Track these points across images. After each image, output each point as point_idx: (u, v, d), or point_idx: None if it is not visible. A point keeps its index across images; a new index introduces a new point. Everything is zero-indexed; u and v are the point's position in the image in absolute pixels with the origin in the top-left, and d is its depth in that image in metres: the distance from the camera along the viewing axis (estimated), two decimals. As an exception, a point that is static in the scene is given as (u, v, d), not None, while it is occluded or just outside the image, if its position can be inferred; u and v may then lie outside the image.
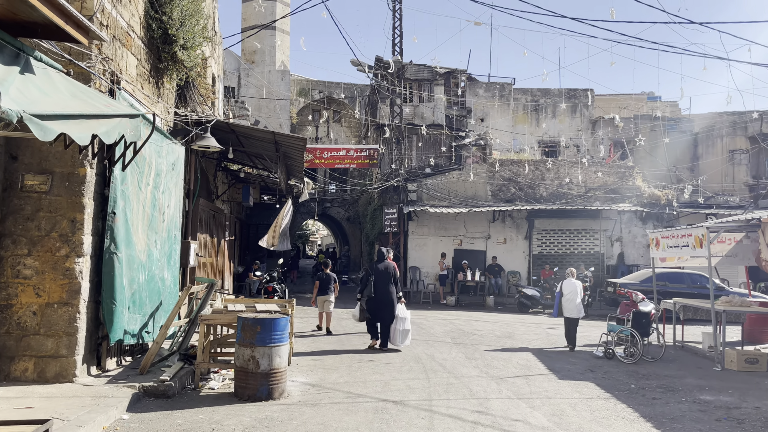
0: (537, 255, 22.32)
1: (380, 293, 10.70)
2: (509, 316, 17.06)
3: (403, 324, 10.63)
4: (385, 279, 10.77)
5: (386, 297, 10.65)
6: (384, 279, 10.77)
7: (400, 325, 10.60)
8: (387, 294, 10.68)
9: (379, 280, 10.75)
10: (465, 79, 27.19)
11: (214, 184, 15.43)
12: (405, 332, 10.65)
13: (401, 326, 10.60)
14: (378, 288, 10.73)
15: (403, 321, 10.64)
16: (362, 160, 21.39)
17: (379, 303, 10.65)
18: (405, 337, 10.66)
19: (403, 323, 10.62)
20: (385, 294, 10.68)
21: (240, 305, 8.65)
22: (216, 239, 14.61)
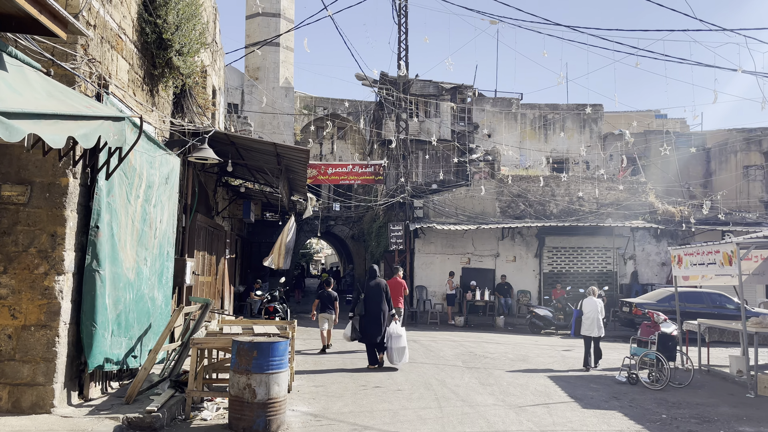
0: (548, 273, 21.62)
1: (371, 312, 10.51)
2: (521, 338, 16.33)
3: (399, 342, 10.36)
4: (376, 296, 10.57)
5: (377, 316, 10.46)
6: (375, 296, 10.57)
7: (396, 343, 10.35)
8: (378, 313, 10.47)
9: (370, 298, 10.58)
10: (472, 94, 26.75)
11: (214, 200, 14.86)
12: (401, 350, 10.37)
13: (396, 344, 10.34)
14: (369, 306, 10.55)
15: (398, 339, 10.38)
16: (367, 176, 20.84)
17: (370, 321, 10.46)
18: (401, 355, 10.37)
19: (398, 341, 10.36)
20: (376, 312, 10.48)
21: (237, 327, 8.02)
22: (215, 257, 14.01)
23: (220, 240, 14.63)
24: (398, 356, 10.35)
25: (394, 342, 10.35)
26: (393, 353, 10.36)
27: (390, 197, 21.75)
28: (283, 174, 11.91)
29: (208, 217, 13.63)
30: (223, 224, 16.11)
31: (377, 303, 10.53)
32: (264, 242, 24.21)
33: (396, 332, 10.42)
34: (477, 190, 21.66)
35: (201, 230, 12.17)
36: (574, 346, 14.90)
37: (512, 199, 21.79)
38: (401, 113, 21.18)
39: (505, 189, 21.75)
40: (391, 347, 10.34)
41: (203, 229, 12.52)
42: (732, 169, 26.13)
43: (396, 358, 10.35)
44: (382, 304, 10.55)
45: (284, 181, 12.32)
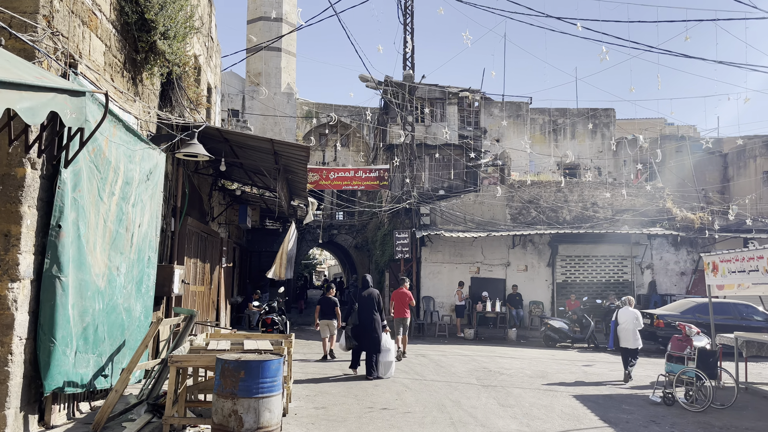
0: (561, 284, 20.59)
1: (364, 321, 10.47)
2: (536, 352, 15.30)
3: (386, 356, 10.42)
4: (368, 306, 10.53)
5: (370, 324, 10.42)
6: (368, 306, 10.53)
7: (383, 357, 10.39)
8: (371, 322, 10.44)
9: (363, 308, 10.55)
10: (479, 99, 25.88)
11: (209, 205, 13.94)
12: (387, 364, 10.42)
13: (384, 358, 10.39)
14: (362, 315, 10.52)
15: (386, 353, 10.44)
16: (371, 181, 19.93)
17: (364, 330, 10.44)
18: (387, 369, 10.42)
19: (386, 355, 10.42)
20: (369, 321, 10.44)
21: (226, 342, 7.05)
22: (209, 265, 13.07)
23: (215, 247, 13.70)
24: (384, 370, 10.36)
25: (383, 355, 10.39)
26: (379, 366, 10.37)
27: (395, 203, 20.81)
28: (282, 175, 10.98)
29: (201, 223, 12.71)
30: (219, 231, 15.19)
31: (370, 312, 10.47)
32: (264, 251, 23.30)
33: (385, 346, 10.44)
34: (486, 196, 20.71)
35: (192, 236, 11.24)
36: (595, 360, 13.87)
37: (523, 206, 20.83)
38: (407, 116, 20.29)
39: (515, 195, 20.79)
40: (379, 360, 10.37)
41: (195, 234, 11.59)
42: (751, 175, 25.14)
43: (382, 371, 10.36)
44: (375, 313, 10.49)
45: (283, 182, 11.39)
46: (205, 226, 13.05)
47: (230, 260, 16.83)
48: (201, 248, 12.18)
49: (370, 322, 10.43)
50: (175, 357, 5.89)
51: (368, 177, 19.91)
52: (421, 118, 24.12)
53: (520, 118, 26.29)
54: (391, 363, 10.47)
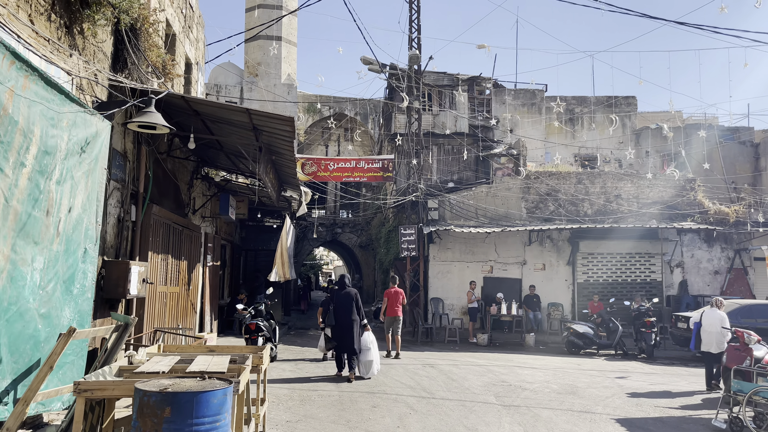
0: (582, 284, 18.84)
1: (341, 321, 10.28)
2: (559, 360, 13.58)
3: (367, 355, 10.22)
4: (346, 306, 10.34)
5: (347, 324, 10.23)
6: (345, 306, 10.34)
7: (364, 356, 10.21)
8: (349, 321, 10.24)
9: (340, 307, 10.36)
10: (491, 86, 24.17)
11: (188, 194, 12.32)
12: (368, 363, 10.20)
13: (365, 357, 10.21)
14: (339, 315, 10.32)
15: (366, 351, 10.24)
16: (375, 172, 18.28)
17: (341, 330, 10.25)
18: (369, 368, 10.21)
19: (366, 354, 10.23)
20: (346, 321, 10.25)
21: (169, 360, 5.39)
22: (187, 263, 11.45)
23: (194, 243, 12.08)
24: (365, 369, 10.19)
25: (363, 354, 10.19)
26: (361, 366, 10.20)
27: (400, 197, 19.15)
28: (264, 156, 9.33)
29: (178, 214, 11.09)
30: (203, 225, 13.57)
31: (347, 313, 10.28)
32: (261, 249, 21.71)
33: (365, 344, 10.26)
34: (500, 189, 19.01)
35: (160, 228, 9.62)
36: (628, 371, 12.14)
37: (540, 199, 19.10)
38: (413, 100, 18.62)
39: (532, 187, 19.06)
40: (360, 359, 10.19)
41: (165, 226, 9.97)
42: (786, 166, 23.27)
43: (363, 371, 10.19)
44: (353, 314, 10.30)
45: (267, 165, 9.74)
46: (183, 218, 11.43)
47: (218, 258, 15.21)
48: (175, 243, 10.56)
49: (348, 323, 10.21)
50: (84, 384, 4.24)
51: (371, 168, 18.26)
52: (429, 106, 22.46)
53: (535, 107, 24.56)
54: (372, 362, 10.20)
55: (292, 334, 18.08)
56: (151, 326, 9.32)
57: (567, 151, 24.66)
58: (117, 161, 8.20)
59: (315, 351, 13.72)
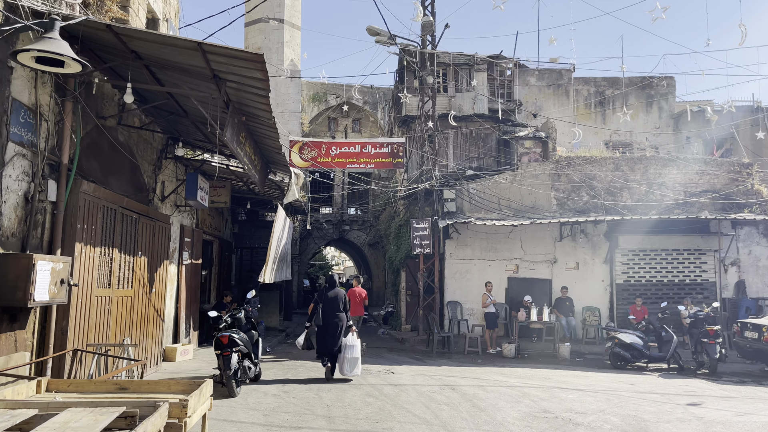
0: (622, 285, 16.41)
1: (327, 321, 10.14)
2: (605, 378, 11.20)
3: (351, 352, 10.03)
4: (332, 307, 10.25)
5: (333, 325, 10.13)
6: (332, 307, 10.25)
7: (348, 353, 10.01)
8: (335, 322, 10.15)
9: (327, 308, 10.24)
10: (512, 66, 21.80)
11: (153, 177, 10.11)
12: (353, 360, 10.02)
13: (349, 354, 10.01)
14: (325, 316, 10.19)
15: (351, 349, 10.05)
16: (383, 158, 15.99)
17: (326, 331, 10.12)
18: (353, 367, 10.02)
19: (351, 351, 10.03)
20: (332, 322, 10.14)
21: (26, 411, 3.11)
22: (147, 259, 9.21)
23: (160, 236, 9.85)
24: (350, 367, 10.01)
25: (347, 352, 10.02)
26: (345, 364, 9.99)
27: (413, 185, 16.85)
28: (234, 117, 7.07)
29: (134, 200, 8.88)
30: (176, 216, 11.35)
31: (334, 313, 10.20)
32: (258, 247, 19.47)
33: (350, 342, 10.10)
34: (527, 177, 16.65)
35: (99, 213, 7.39)
36: (697, 394, 9.73)
37: (573, 187, 16.71)
38: (426, 76, 16.30)
39: (563, 174, 16.67)
40: (344, 357, 10.01)
41: (109, 212, 7.74)
42: None
43: (347, 368, 9.99)
44: (339, 314, 10.22)
45: (239, 133, 7.47)
46: (143, 205, 9.21)
47: (199, 255, 12.99)
48: (127, 234, 8.32)
49: (334, 323, 10.11)
50: None
51: (379, 153, 15.95)
52: (444, 87, 20.14)
53: (561, 89, 22.13)
54: (357, 359, 10.04)
55: (289, 343, 15.82)
56: (84, 341, 7.08)
57: (597, 138, 22.22)
58: (21, 117, 5.98)
59: (311, 365, 11.48)
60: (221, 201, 11.58)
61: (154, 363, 9.67)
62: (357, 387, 9.34)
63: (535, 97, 21.87)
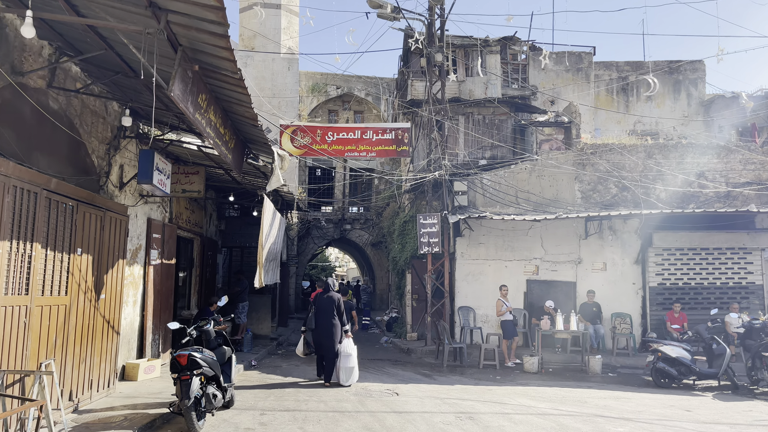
0: (656, 288, 14.54)
1: (321, 325, 9.98)
2: (651, 399, 9.36)
3: (347, 361, 9.77)
4: (327, 310, 10.04)
5: (327, 329, 9.92)
6: (326, 310, 10.05)
7: (344, 363, 9.78)
8: (329, 326, 9.93)
9: (320, 312, 10.07)
10: (527, 49, 20.00)
11: (106, 158, 8.32)
12: (349, 370, 9.76)
13: (345, 363, 9.77)
14: (319, 320, 10.03)
15: (347, 358, 9.79)
16: (386, 145, 14.20)
17: (320, 335, 9.97)
18: (349, 376, 9.77)
19: (347, 360, 9.78)
20: (326, 326, 9.94)
21: None
22: (91, 258, 7.40)
23: (112, 230, 8.04)
24: (346, 376, 9.78)
25: (343, 361, 9.80)
26: (341, 372, 9.79)
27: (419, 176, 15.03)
28: (181, 64, 5.26)
29: (81, 187, 7.10)
30: (139, 207, 9.57)
31: (328, 317, 10.02)
32: (249, 247, 17.70)
33: (346, 350, 9.84)
34: (547, 166, 14.81)
35: (8, 195, 5.58)
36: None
37: (599, 179, 14.86)
38: (434, 53, 14.48)
39: (588, 164, 14.83)
40: (339, 366, 9.82)
41: (29, 195, 5.94)
42: None
43: (344, 377, 9.77)
44: (334, 318, 10.04)
45: (191, 85, 5.63)
46: (89, 192, 7.41)
47: (172, 255, 11.20)
48: (57, 226, 6.52)
49: (328, 327, 9.97)
50: None
51: (381, 140, 14.15)
52: (453, 71, 18.34)
53: (581, 73, 20.27)
54: (353, 368, 9.84)
55: (280, 354, 14.02)
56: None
57: (620, 128, 20.35)
58: None
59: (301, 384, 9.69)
60: (194, 190, 9.79)
61: (103, 386, 7.88)
62: (353, 417, 7.53)
63: (552, 82, 20.03)
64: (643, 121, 20.45)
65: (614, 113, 20.55)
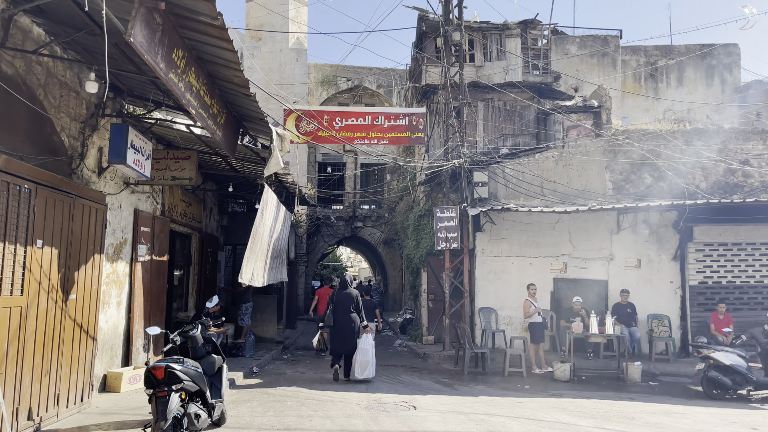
0: (696, 287, 13.27)
1: (339, 322, 9.96)
2: (707, 414, 8.12)
3: (364, 355, 9.79)
4: (344, 307, 10.02)
5: (346, 326, 9.92)
6: (343, 306, 10.02)
7: (360, 356, 9.77)
8: (347, 322, 9.92)
9: (338, 308, 10.05)
10: (548, 32, 18.78)
11: (80, 138, 7.25)
12: (364, 363, 9.77)
13: (361, 357, 9.77)
14: (337, 316, 10.01)
15: (363, 352, 9.80)
16: (399, 132, 13.06)
17: (338, 332, 9.98)
18: (364, 370, 9.75)
19: (363, 354, 9.79)
20: (344, 323, 9.93)
21: None
22: (60, 253, 6.33)
23: (90, 222, 6.96)
24: (360, 370, 9.74)
25: (359, 354, 9.79)
26: (356, 366, 9.76)
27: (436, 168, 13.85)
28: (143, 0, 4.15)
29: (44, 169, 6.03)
30: (121, 196, 8.49)
31: (346, 314, 9.96)
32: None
33: (362, 345, 9.84)
34: (575, 154, 13.60)
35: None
36: None
37: (632, 168, 13.60)
38: (452, 32, 13.31)
39: (620, 152, 13.59)
40: (356, 359, 9.80)
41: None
42: None
43: (358, 371, 9.74)
44: (352, 314, 9.98)
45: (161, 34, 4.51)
46: (54, 175, 6.34)
47: (164, 251, 10.12)
48: (4, 215, 5.45)
49: (346, 323, 9.90)
50: None
51: (394, 126, 13.01)
52: (471, 56, 17.17)
53: (607, 58, 18.99)
54: (368, 362, 9.74)
55: (285, 359, 12.91)
56: None
57: (648, 116, 19.04)
58: None
59: (305, 394, 8.57)
60: (185, 177, 8.70)
61: (74, 400, 6.80)
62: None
63: (575, 68, 18.75)
64: (674, 109, 19.12)
65: (642, 101, 19.25)
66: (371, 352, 9.91)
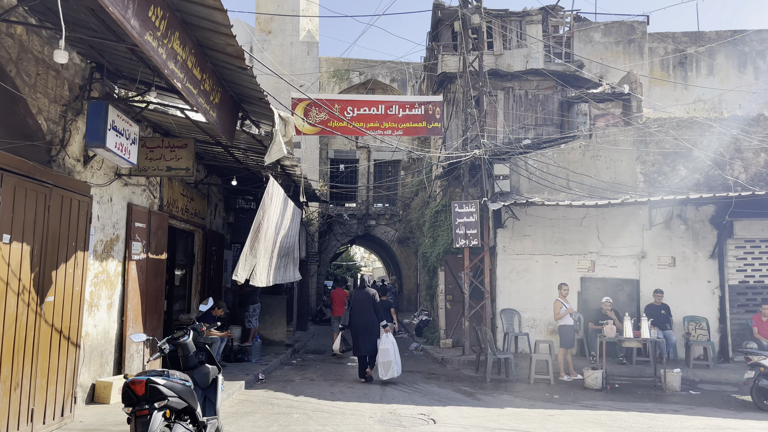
0: (737, 287, 12.31)
1: (357, 321, 9.94)
2: (761, 430, 7.21)
3: (385, 355, 9.61)
4: (363, 306, 9.96)
5: (365, 325, 9.87)
6: (362, 306, 9.97)
7: (382, 357, 9.63)
8: (365, 322, 9.86)
9: (356, 308, 10.04)
10: (570, 19, 17.81)
11: (62, 122, 6.52)
12: (387, 364, 9.60)
13: (382, 357, 9.62)
14: (355, 316, 10.01)
15: (384, 352, 9.62)
16: (415, 122, 12.26)
17: (357, 331, 9.93)
18: (387, 370, 9.59)
19: (385, 354, 9.61)
20: (363, 322, 9.88)
21: None
22: (33, 251, 5.60)
23: (71, 216, 6.23)
24: (384, 371, 9.60)
25: (380, 356, 9.66)
26: (379, 367, 9.67)
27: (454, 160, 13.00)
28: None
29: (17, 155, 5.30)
30: (111, 188, 7.76)
31: (365, 314, 9.89)
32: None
33: (383, 345, 9.67)
34: (603, 144, 12.69)
35: None
36: None
37: (665, 159, 12.65)
38: (470, 15, 12.46)
39: (651, 142, 12.65)
40: (377, 360, 9.71)
41: None
42: None
43: (382, 372, 9.61)
44: (371, 315, 9.87)
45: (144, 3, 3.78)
46: (26, 162, 5.61)
47: (162, 249, 9.39)
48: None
49: (365, 323, 9.85)
50: None
51: (409, 116, 12.18)
52: (489, 44, 16.28)
53: (634, 45, 18.01)
54: (391, 362, 9.56)
55: (294, 364, 12.13)
56: None
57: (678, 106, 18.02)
58: None
59: (313, 405, 7.79)
60: (181, 167, 7.94)
61: (53, 415, 6.07)
62: (377, 462, 5.57)
63: (600, 55, 17.80)
64: (704, 99, 18.09)
65: (671, 90, 18.23)
66: (392, 350, 9.70)
